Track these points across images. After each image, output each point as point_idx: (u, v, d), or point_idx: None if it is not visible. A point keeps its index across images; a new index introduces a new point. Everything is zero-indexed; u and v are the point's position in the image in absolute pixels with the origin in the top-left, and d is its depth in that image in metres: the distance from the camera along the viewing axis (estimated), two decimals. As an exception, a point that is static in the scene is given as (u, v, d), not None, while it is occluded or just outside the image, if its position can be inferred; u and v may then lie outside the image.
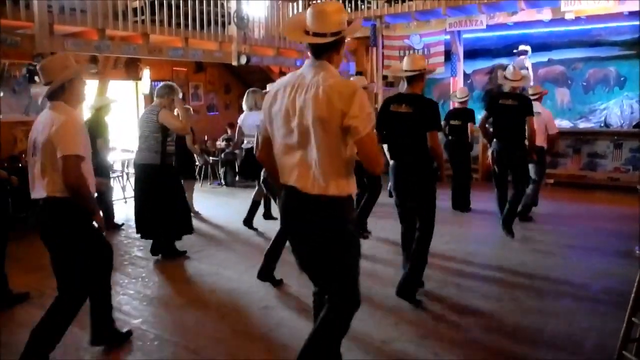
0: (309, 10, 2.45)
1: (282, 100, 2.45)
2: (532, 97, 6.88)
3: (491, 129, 6.02)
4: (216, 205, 7.74)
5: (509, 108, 5.66)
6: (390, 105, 4.19)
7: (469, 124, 7.48)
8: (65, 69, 3.09)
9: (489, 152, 5.77)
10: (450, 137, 7.60)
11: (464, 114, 7.63)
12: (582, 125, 10.97)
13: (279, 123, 2.46)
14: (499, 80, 5.97)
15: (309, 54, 2.47)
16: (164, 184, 5.27)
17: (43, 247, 3.15)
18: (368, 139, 2.36)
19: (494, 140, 5.85)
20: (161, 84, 5.45)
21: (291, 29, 2.56)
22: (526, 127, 5.57)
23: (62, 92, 3.11)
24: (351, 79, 7.57)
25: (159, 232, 5.43)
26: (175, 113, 5.37)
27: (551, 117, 6.87)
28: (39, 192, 3.07)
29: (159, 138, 5.11)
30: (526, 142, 5.67)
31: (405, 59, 4.20)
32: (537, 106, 6.79)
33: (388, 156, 4.22)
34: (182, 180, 5.83)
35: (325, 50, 2.43)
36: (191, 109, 7.71)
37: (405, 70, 4.13)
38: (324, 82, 2.34)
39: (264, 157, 2.68)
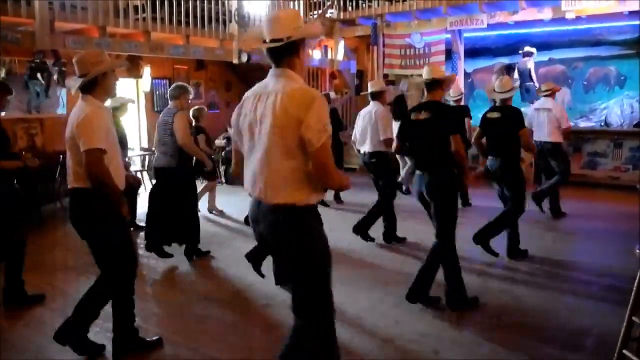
0: (265, 19, 2.50)
1: (247, 112, 2.45)
2: (544, 94, 7.00)
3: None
4: (217, 203, 7.74)
5: (495, 122, 5.21)
6: (411, 114, 4.23)
7: (466, 120, 7.58)
8: (100, 63, 3.20)
9: (478, 170, 5.45)
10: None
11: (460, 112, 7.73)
12: (583, 124, 10.97)
13: (247, 136, 2.45)
14: (489, 95, 5.54)
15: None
16: (181, 187, 5.29)
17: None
18: (321, 152, 2.26)
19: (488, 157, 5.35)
20: (173, 85, 5.42)
21: (249, 39, 2.65)
22: (521, 141, 5.15)
23: (94, 86, 3.21)
24: (390, 88, 7.69)
25: (177, 239, 5.47)
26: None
27: (563, 110, 7.04)
28: (70, 181, 3.22)
29: (175, 141, 5.09)
30: (522, 156, 5.39)
31: (425, 68, 4.25)
32: (548, 102, 6.97)
33: (411, 165, 4.25)
34: (202, 181, 5.80)
35: (283, 55, 2.41)
36: (205, 108, 7.72)
37: (425, 79, 4.18)
38: (283, 89, 2.32)
39: (240, 171, 2.60)
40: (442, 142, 3.99)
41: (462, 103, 8.52)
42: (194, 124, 7.07)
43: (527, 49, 10.55)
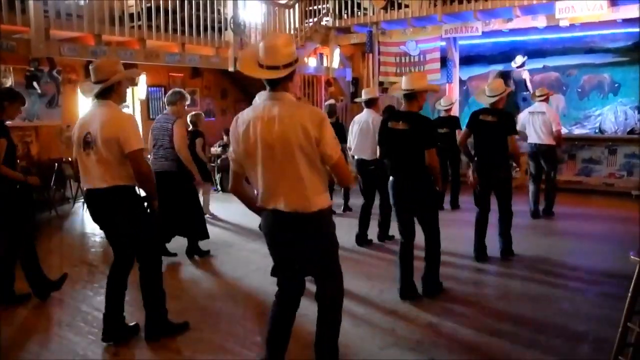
0: (260, 45, 2.65)
1: (257, 134, 2.61)
2: (539, 99, 7.18)
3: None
4: (213, 209, 7.74)
5: (490, 125, 5.19)
6: (388, 122, 4.37)
7: (457, 131, 7.77)
8: (118, 71, 3.40)
9: (470, 172, 5.31)
10: (439, 145, 7.71)
11: (450, 121, 8.05)
12: (577, 131, 11.02)
13: (259, 157, 2.63)
14: (478, 99, 5.52)
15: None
16: (182, 190, 5.43)
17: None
18: (340, 161, 2.67)
19: (475, 159, 5.33)
20: (171, 90, 5.51)
21: (246, 64, 2.70)
22: (509, 145, 5.17)
23: (111, 92, 3.40)
24: (383, 96, 7.80)
25: (180, 233, 5.65)
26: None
27: (555, 114, 7.32)
28: (95, 182, 3.37)
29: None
30: (512, 162, 5.44)
31: (404, 77, 4.28)
32: (542, 106, 7.19)
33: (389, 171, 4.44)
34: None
35: (281, 81, 2.61)
36: (202, 114, 7.81)
37: (404, 89, 4.21)
38: (294, 112, 2.57)
39: (240, 189, 2.86)
40: (419, 154, 4.14)
41: (453, 113, 8.60)
42: (191, 128, 7.11)
43: (518, 60, 10.61)
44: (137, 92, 10.14)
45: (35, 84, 8.25)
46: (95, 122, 3.30)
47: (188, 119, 7.10)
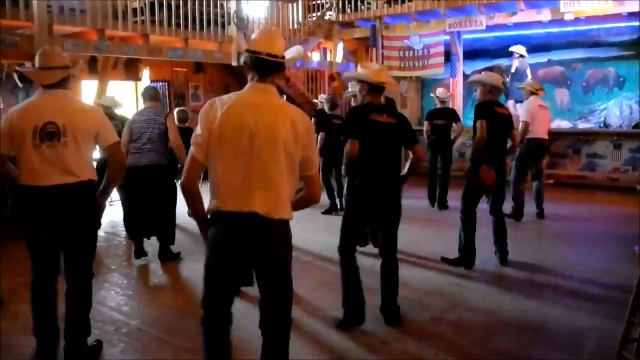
0: (264, 32, 2.47)
1: (235, 120, 2.29)
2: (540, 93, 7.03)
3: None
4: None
5: (505, 118, 4.99)
6: (369, 113, 3.69)
7: (453, 124, 7.60)
8: (67, 62, 3.14)
9: (482, 168, 4.78)
10: (433, 136, 7.64)
11: (448, 113, 7.78)
12: (582, 125, 10.98)
13: (231, 144, 2.28)
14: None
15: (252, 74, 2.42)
16: (169, 185, 5.35)
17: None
18: (317, 172, 2.53)
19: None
20: (149, 86, 5.45)
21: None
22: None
23: (68, 82, 3.14)
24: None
25: (158, 233, 5.43)
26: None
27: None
28: (61, 176, 2.99)
29: (166, 140, 5.12)
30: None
31: (367, 70, 3.81)
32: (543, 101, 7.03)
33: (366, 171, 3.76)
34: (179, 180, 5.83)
35: (273, 72, 2.41)
36: (189, 111, 7.78)
37: (376, 82, 3.75)
38: (284, 109, 2.39)
39: (195, 184, 2.42)
40: (399, 152, 3.87)
41: (450, 105, 8.31)
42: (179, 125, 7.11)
43: (520, 51, 10.46)
44: (141, 88, 10.13)
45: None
46: (59, 112, 3.00)
47: (176, 116, 7.14)
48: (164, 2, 8.40)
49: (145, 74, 10.06)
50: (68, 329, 3.16)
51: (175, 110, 7.50)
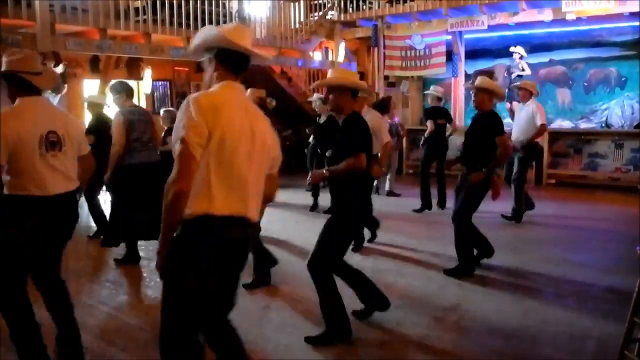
0: (242, 29, 2.37)
1: (238, 122, 2.18)
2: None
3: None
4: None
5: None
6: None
7: (447, 124, 7.54)
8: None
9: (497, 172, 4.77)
10: (434, 136, 7.49)
11: (445, 112, 7.72)
12: (583, 125, 10.98)
13: (232, 147, 2.14)
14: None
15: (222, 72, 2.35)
16: (159, 183, 5.26)
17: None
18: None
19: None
20: (123, 81, 5.36)
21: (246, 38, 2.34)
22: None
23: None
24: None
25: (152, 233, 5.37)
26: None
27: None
28: (66, 184, 3.01)
29: (154, 140, 5.29)
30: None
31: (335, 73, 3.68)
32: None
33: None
34: None
35: (244, 71, 2.37)
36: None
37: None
38: (258, 110, 2.36)
39: (189, 189, 2.09)
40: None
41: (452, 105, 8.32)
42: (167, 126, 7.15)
43: (520, 52, 10.36)
44: (143, 87, 10.15)
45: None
46: (55, 120, 2.97)
47: (165, 116, 7.36)
48: (166, 1, 8.41)
49: (147, 73, 10.06)
50: (63, 333, 3.13)
51: (162, 111, 7.58)
